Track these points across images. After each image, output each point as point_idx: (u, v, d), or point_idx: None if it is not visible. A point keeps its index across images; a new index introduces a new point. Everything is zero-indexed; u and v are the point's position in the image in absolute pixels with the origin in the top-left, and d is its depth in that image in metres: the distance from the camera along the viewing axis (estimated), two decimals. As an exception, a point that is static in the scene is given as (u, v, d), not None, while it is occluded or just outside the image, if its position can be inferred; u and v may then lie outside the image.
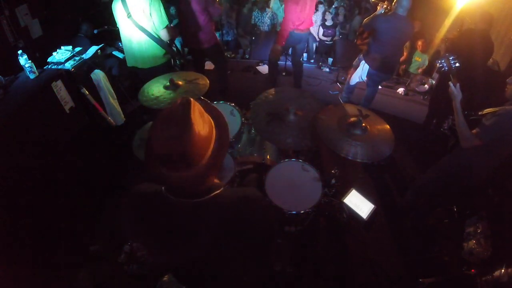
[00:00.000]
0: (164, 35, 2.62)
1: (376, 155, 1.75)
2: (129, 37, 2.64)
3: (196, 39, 3.15)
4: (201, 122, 0.78)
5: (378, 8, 3.31)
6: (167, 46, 2.76)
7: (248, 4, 5.39)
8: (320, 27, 5.17)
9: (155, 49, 2.69)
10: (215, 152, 0.83)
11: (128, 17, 2.50)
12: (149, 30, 2.57)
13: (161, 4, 2.53)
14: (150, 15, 2.49)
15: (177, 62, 2.97)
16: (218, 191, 0.88)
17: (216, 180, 0.94)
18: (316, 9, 5.17)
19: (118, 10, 2.54)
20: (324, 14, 5.14)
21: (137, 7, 2.47)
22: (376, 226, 2.48)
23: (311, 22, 3.51)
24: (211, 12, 3.05)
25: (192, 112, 0.76)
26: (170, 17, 3.25)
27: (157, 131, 0.76)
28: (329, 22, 5.10)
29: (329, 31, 5.14)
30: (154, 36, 2.62)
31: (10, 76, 2.20)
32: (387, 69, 3.28)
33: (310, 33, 3.65)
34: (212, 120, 0.86)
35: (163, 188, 0.89)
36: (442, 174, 2.18)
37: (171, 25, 2.71)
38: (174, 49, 2.97)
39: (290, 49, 3.83)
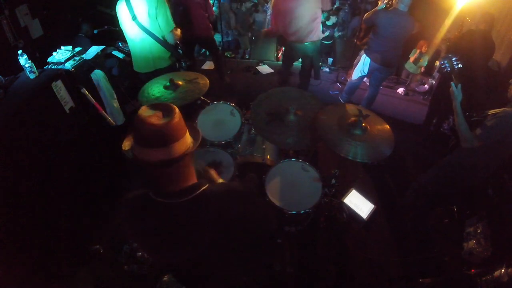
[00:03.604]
0: (170, 38, 2.59)
1: (376, 155, 1.75)
2: (134, 40, 2.59)
3: (193, 31, 3.51)
4: (181, 118, 0.88)
5: (379, 3, 3.31)
6: (173, 48, 2.72)
7: (246, 3, 5.38)
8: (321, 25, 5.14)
9: (161, 52, 2.65)
10: (189, 140, 0.90)
11: (133, 19, 2.44)
12: (155, 32, 2.52)
13: (167, 7, 2.49)
14: (156, 18, 2.45)
15: (183, 65, 2.94)
16: (204, 187, 0.91)
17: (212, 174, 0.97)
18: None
19: (122, 12, 2.48)
20: (328, 15, 5.09)
21: (143, 9, 2.42)
22: (376, 226, 2.48)
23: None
24: (208, 11, 3.59)
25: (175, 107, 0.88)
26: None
27: (143, 114, 0.84)
28: (329, 22, 5.07)
29: (328, 30, 5.10)
30: (160, 38, 2.57)
31: (10, 76, 2.19)
32: (389, 64, 3.28)
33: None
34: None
35: (150, 192, 0.90)
36: (442, 174, 2.18)
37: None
38: (180, 51, 2.94)
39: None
